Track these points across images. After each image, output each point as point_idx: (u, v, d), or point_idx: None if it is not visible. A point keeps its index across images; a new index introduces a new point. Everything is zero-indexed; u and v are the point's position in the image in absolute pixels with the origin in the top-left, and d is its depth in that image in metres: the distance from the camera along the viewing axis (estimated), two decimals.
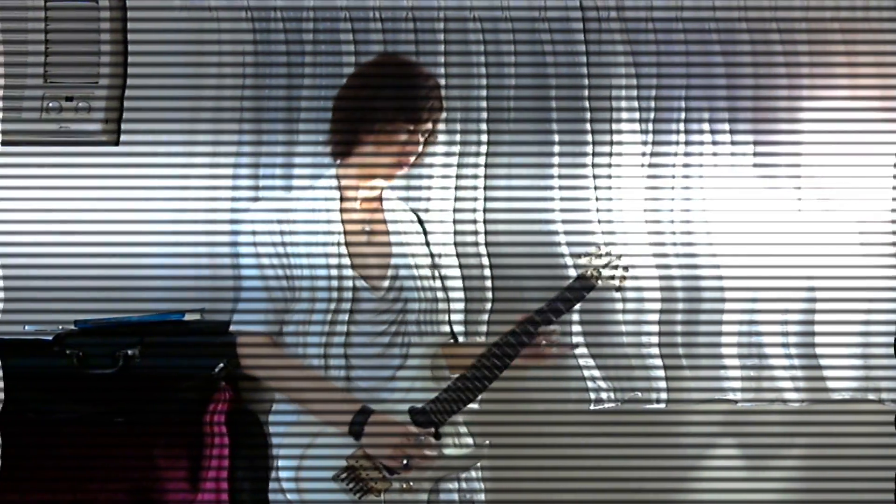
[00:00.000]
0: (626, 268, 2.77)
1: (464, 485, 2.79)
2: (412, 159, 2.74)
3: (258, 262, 2.68)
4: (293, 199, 2.84)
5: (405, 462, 2.60)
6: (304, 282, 2.67)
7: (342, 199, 2.76)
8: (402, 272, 2.75)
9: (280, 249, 2.67)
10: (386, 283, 2.72)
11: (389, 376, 2.70)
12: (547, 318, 2.70)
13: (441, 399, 2.67)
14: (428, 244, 2.87)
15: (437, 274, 2.85)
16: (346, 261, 2.68)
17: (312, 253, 2.68)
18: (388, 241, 2.79)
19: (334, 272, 2.66)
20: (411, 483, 2.63)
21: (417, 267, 2.78)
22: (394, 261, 2.75)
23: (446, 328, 2.84)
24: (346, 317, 2.66)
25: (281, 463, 2.66)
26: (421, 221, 2.91)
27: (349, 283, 2.67)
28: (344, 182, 2.77)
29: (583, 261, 2.76)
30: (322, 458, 2.61)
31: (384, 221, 2.81)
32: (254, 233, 2.69)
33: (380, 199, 2.83)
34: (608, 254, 2.76)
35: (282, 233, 2.68)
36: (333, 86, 3.47)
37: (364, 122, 2.68)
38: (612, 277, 2.75)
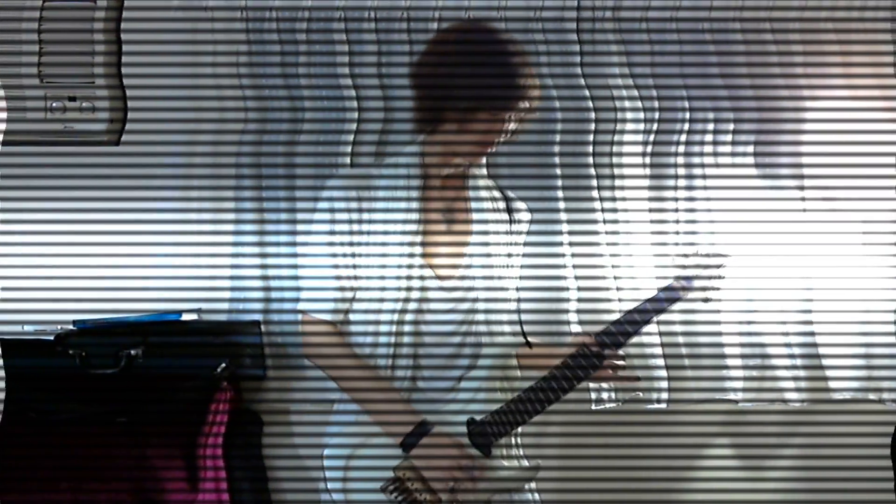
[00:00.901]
0: (721, 276, 2.63)
1: (516, 497, 2.67)
2: (502, 138, 2.54)
3: (331, 240, 2.56)
4: (373, 177, 2.61)
5: (451, 486, 2.49)
6: (374, 268, 2.54)
7: (425, 177, 2.59)
8: (476, 264, 2.60)
9: (356, 228, 2.54)
10: (458, 274, 2.58)
11: (458, 378, 2.59)
12: (636, 328, 2.58)
13: (503, 411, 2.55)
14: (510, 231, 2.69)
15: (513, 264, 2.68)
16: (418, 249, 2.54)
17: (388, 236, 2.53)
18: (468, 228, 2.63)
19: (406, 261, 2.53)
20: (458, 499, 2.52)
21: (492, 257, 2.61)
22: (468, 250, 2.61)
23: (516, 333, 2.69)
24: (414, 312, 2.53)
25: (327, 463, 2.59)
26: (508, 201, 2.72)
27: (417, 274, 2.54)
28: (428, 159, 2.60)
29: (677, 262, 2.64)
30: (373, 458, 2.53)
31: (467, 199, 2.65)
32: (332, 210, 2.56)
33: (465, 176, 2.65)
34: (705, 254, 2.62)
35: (360, 210, 2.55)
36: (330, 86, 3.52)
37: (448, 100, 2.49)
38: (704, 289, 2.62)
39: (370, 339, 2.56)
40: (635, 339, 3.44)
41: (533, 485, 2.73)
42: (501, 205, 2.71)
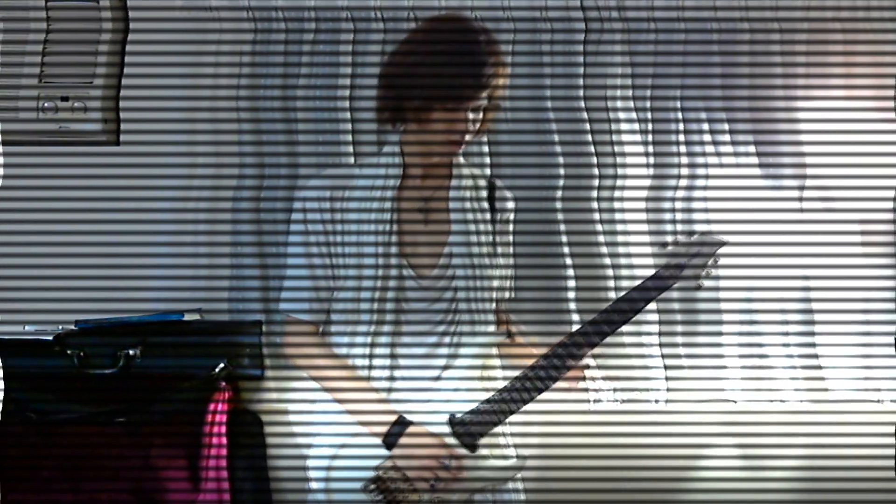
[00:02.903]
0: (716, 261, 2.59)
1: (498, 497, 2.66)
2: (468, 136, 2.50)
3: (306, 241, 2.55)
4: (352, 176, 2.61)
5: (432, 484, 2.50)
6: (350, 268, 2.53)
7: (405, 176, 2.57)
8: (456, 259, 2.56)
9: (329, 228, 2.54)
10: (435, 272, 2.56)
11: (435, 377, 2.58)
12: (623, 317, 2.53)
13: (484, 410, 2.54)
14: (493, 210, 2.65)
15: (497, 262, 2.64)
16: (394, 246, 2.53)
17: (363, 235, 2.52)
18: (447, 221, 2.59)
19: (381, 259, 2.51)
20: (441, 496, 2.53)
21: (472, 255, 2.58)
22: (448, 246, 2.58)
23: (499, 328, 2.68)
24: (392, 306, 2.52)
25: (311, 462, 2.59)
26: (493, 190, 2.68)
27: (394, 272, 2.52)
28: (407, 152, 2.57)
29: (669, 249, 2.58)
30: (355, 458, 2.53)
31: (446, 199, 2.61)
32: (304, 210, 2.56)
33: (449, 167, 2.62)
34: (697, 243, 2.57)
35: (332, 210, 2.54)
36: (330, 86, 3.50)
37: (404, 99, 2.48)
38: (697, 276, 2.57)
39: (347, 338, 2.57)
40: (633, 339, 3.52)
41: (519, 482, 2.72)
42: (483, 195, 2.68)
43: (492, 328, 2.64)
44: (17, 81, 3.46)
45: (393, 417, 2.51)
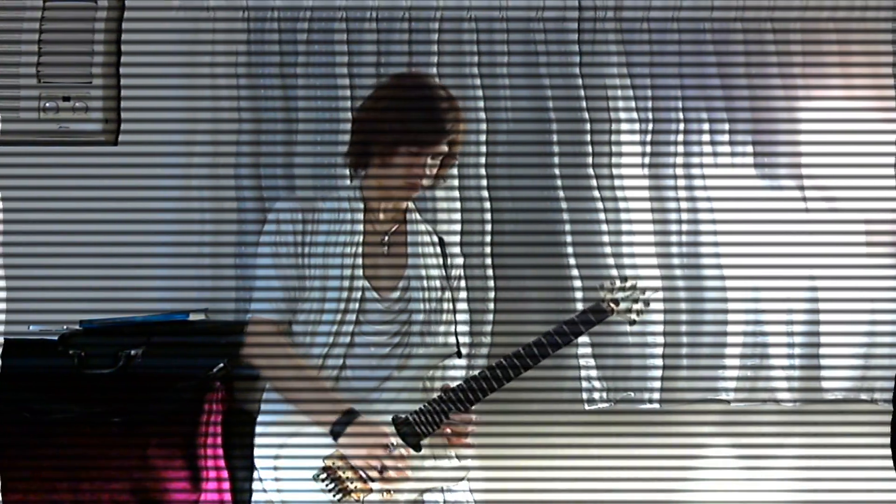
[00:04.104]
0: (646, 302, 2.78)
1: (449, 497, 2.78)
2: (423, 182, 2.74)
3: (276, 250, 2.71)
4: (319, 200, 2.82)
5: (381, 469, 2.61)
6: (316, 280, 2.70)
7: (366, 210, 2.78)
8: (413, 285, 2.77)
9: (300, 239, 2.71)
10: (395, 294, 2.75)
11: (380, 379, 2.72)
12: (555, 343, 2.70)
13: (427, 411, 2.69)
14: (445, 266, 2.86)
15: (447, 296, 2.84)
16: (359, 269, 2.72)
17: (329, 253, 2.71)
18: (405, 254, 2.81)
19: (346, 278, 2.70)
20: (392, 492, 2.63)
21: (428, 288, 2.79)
22: (406, 273, 2.78)
23: (449, 343, 2.82)
24: (352, 318, 2.69)
25: (258, 458, 2.70)
26: (442, 243, 2.89)
27: (358, 291, 2.70)
28: (366, 193, 2.79)
29: (603, 293, 2.75)
30: (300, 456, 2.64)
31: (405, 233, 2.83)
32: (278, 222, 2.73)
33: (404, 213, 2.84)
34: (632, 287, 2.76)
35: (304, 232, 2.72)
36: (328, 86, 3.52)
37: (370, 144, 2.71)
38: (629, 311, 2.75)
39: (308, 338, 2.71)
40: (637, 339, 3.52)
41: (468, 485, 2.83)
42: (434, 247, 2.89)
43: (441, 344, 2.81)
44: (15, 81, 3.48)
45: (344, 407, 2.63)
